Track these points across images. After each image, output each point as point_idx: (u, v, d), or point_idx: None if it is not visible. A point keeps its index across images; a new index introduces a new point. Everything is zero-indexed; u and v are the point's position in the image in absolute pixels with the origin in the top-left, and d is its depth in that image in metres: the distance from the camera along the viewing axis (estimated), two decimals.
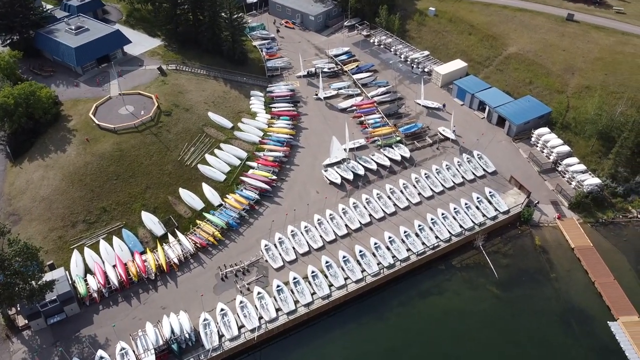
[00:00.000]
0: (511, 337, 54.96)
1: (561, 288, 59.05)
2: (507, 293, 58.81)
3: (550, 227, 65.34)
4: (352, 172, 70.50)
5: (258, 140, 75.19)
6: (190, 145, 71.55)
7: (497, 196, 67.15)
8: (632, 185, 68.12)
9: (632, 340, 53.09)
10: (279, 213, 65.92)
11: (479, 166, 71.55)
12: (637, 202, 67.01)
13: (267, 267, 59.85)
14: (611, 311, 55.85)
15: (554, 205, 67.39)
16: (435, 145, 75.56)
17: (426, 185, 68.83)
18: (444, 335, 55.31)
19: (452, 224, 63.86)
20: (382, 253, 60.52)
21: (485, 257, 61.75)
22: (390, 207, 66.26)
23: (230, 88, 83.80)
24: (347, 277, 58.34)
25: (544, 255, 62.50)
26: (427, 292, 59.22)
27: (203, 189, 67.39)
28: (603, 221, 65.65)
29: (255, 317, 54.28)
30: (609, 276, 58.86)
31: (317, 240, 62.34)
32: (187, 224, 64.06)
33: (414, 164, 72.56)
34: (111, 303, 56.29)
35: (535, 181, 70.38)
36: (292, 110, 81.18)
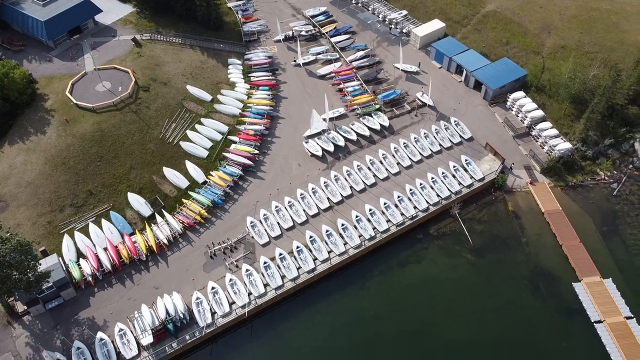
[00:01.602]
0: (485, 301, 59.08)
1: (531, 252, 62.94)
2: (481, 259, 62.57)
3: (523, 192, 68.44)
4: (332, 144, 71.91)
5: (238, 112, 75.57)
6: (171, 122, 71.81)
7: (473, 164, 69.53)
8: (601, 149, 70.88)
9: (594, 299, 57.67)
10: (263, 188, 67.76)
11: (455, 133, 73.39)
12: (605, 164, 70.03)
13: (254, 243, 62.43)
14: (576, 272, 60.12)
15: (527, 170, 70.19)
16: (413, 112, 76.81)
17: (405, 155, 70.79)
18: (422, 302, 59.26)
19: (430, 194, 66.51)
20: (363, 225, 63.30)
21: (461, 225, 64.98)
22: (370, 178, 68.40)
23: (208, 57, 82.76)
24: (331, 250, 61.35)
25: (516, 220, 65.95)
26: (406, 261, 62.69)
27: (187, 166, 68.55)
28: (572, 184, 68.86)
29: (245, 294, 57.48)
30: (575, 239, 62.73)
31: (301, 214, 64.74)
32: (174, 204, 65.76)
33: (394, 132, 74.15)
34: (105, 285, 58.85)
35: (510, 146, 72.72)
36: (271, 79, 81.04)
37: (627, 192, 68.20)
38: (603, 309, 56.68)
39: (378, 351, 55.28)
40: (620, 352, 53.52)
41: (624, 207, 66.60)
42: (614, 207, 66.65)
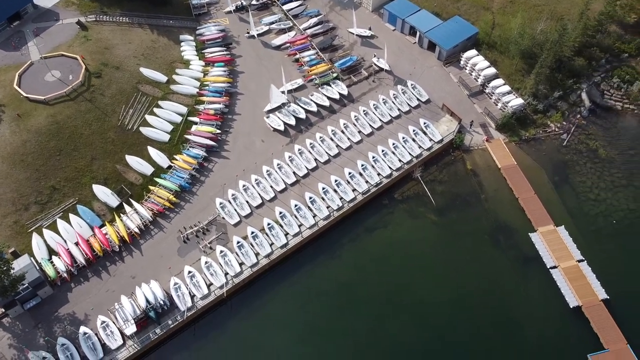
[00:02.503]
0: (450, 258, 62.51)
1: (490, 207, 66.41)
2: (444, 218, 65.72)
3: (480, 150, 71.30)
4: (293, 117, 72.50)
5: (196, 92, 74.74)
6: (128, 108, 70.62)
7: (431, 126, 71.62)
8: (551, 101, 73.92)
9: (548, 246, 61.95)
10: (229, 168, 68.39)
11: (413, 96, 74.93)
12: (555, 116, 73.28)
13: (225, 224, 63.68)
14: (532, 223, 64.09)
15: (483, 128, 72.83)
16: (370, 77, 77.64)
17: (365, 123, 72.16)
18: (392, 264, 62.22)
19: (392, 160, 68.56)
20: (330, 197, 65.18)
21: (424, 187, 67.63)
22: (333, 149, 69.77)
23: (158, 35, 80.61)
24: (301, 224, 63.24)
25: (475, 178, 69.03)
26: (374, 226, 65.25)
27: (149, 152, 68.17)
28: (526, 138, 72.02)
29: (222, 274, 59.19)
30: (530, 191, 66.43)
31: (269, 191, 65.99)
32: (141, 191, 65.80)
33: (353, 100, 75.09)
34: (82, 280, 59.45)
35: (466, 105, 74.95)
36: (226, 54, 79.91)
37: (576, 141, 71.92)
38: (557, 255, 61.11)
39: (354, 315, 58.38)
40: (573, 292, 58.30)
41: (573, 156, 70.43)
42: (564, 157, 70.41)
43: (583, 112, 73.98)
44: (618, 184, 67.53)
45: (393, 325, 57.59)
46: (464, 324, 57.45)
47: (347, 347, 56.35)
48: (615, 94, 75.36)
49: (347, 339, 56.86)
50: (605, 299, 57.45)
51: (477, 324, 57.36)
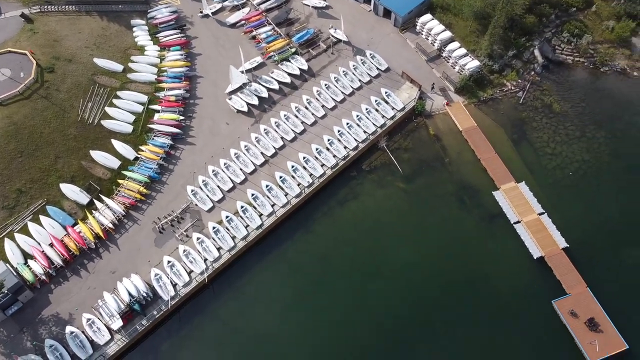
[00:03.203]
0: (420, 222, 65.09)
1: (454, 170, 68.91)
2: (412, 184, 67.91)
3: (441, 114, 73.19)
4: (256, 96, 72.47)
5: (154, 78, 73.53)
6: (86, 101, 69.21)
7: (393, 95, 72.87)
8: (505, 61, 75.92)
9: (511, 203, 65.19)
10: (196, 154, 68.46)
11: (372, 66, 75.70)
12: (510, 75, 75.46)
13: (199, 210, 64.34)
14: (494, 182, 67.05)
15: (443, 92, 74.55)
16: (329, 50, 77.76)
17: (328, 97, 72.80)
18: (365, 233, 64.34)
19: (357, 132, 69.84)
20: (300, 174, 66.34)
21: (390, 156, 69.41)
22: (299, 126, 70.47)
23: (108, 22, 78.24)
24: (274, 203, 64.48)
25: (438, 142, 71.15)
26: (345, 199, 66.97)
27: (114, 145, 67.45)
28: (484, 99, 74.20)
29: (201, 261, 60.32)
30: (491, 151, 69.08)
31: (239, 174, 66.61)
32: (110, 186, 65.44)
33: (314, 75, 75.33)
34: (61, 280, 59.63)
35: (424, 71, 76.26)
36: (181, 36, 78.36)
37: (532, 98, 74.54)
38: (519, 210, 64.45)
39: (334, 286, 60.67)
40: (536, 244, 61.94)
41: (529, 113, 73.17)
42: (521, 114, 73.08)
43: (536, 68, 76.39)
44: (572, 136, 70.90)
45: (372, 291, 60.18)
46: (438, 281, 60.52)
47: (330, 316, 58.77)
48: (566, 49, 77.94)
49: (329, 309, 59.25)
50: (565, 248, 61.35)
51: (449, 281, 60.49)
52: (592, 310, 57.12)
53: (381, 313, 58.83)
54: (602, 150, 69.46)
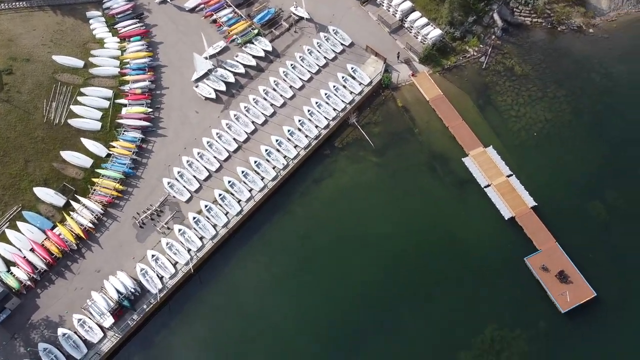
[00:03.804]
0: (394, 193, 66.93)
1: (424, 140, 70.63)
2: (384, 157, 69.43)
3: (408, 85, 74.35)
4: (223, 82, 72.21)
5: (117, 71, 72.40)
6: (50, 101, 68.01)
7: (359, 70, 73.50)
8: (466, 27, 76.98)
9: (480, 167, 67.50)
10: (169, 145, 68.41)
11: (336, 42, 75.88)
12: (472, 41, 76.70)
13: (177, 202, 64.85)
14: (463, 148, 69.11)
15: (407, 63, 75.50)
16: (292, 28, 77.49)
17: (295, 77, 73.03)
18: (343, 209, 65.81)
19: (327, 110, 70.59)
20: (274, 157, 67.14)
21: (361, 131, 70.62)
22: (268, 109, 70.79)
23: (63, 16, 76.11)
24: (251, 188, 65.39)
25: (406, 114, 72.53)
26: (320, 177, 68.17)
27: (84, 144, 66.82)
28: (448, 67, 75.48)
29: (185, 251, 61.25)
30: (458, 119, 70.88)
31: (214, 162, 67.01)
32: (85, 185, 65.13)
33: (279, 55, 75.19)
34: (47, 284, 59.91)
35: (388, 43, 76.87)
36: (140, 26, 76.78)
37: (494, 62, 76.14)
38: (489, 174, 66.84)
39: (317, 263, 62.43)
40: (506, 205, 64.63)
41: (492, 77, 74.89)
42: (485, 79, 74.76)
43: (497, 32, 77.76)
44: (534, 97, 73.11)
45: (354, 264, 62.08)
46: (416, 248, 62.77)
47: (316, 292, 60.65)
48: (524, 10, 79.36)
49: (315, 285, 61.13)
50: (534, 206, 64.24)
51: (427, 247, 62.81)
52: (562, 263, 60.52)
53: (365, 283, 60.93)
54: (564, 109, 72.05)
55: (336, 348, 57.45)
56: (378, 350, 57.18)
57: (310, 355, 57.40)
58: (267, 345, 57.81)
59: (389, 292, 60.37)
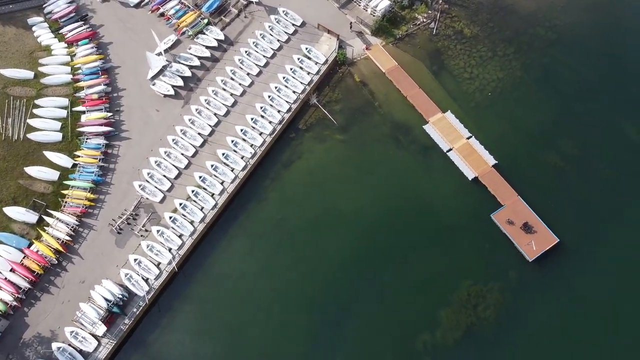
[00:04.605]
0: (363, 167, 68.94)
1: (385, 112, 72.47)
2: (348, 134, 71.14)
3: (363, 59, 75.49)
4: (179, 77, 71.80)
5: (70, 79, 71.02)
6: (5, 118, 66.68)
7: (313, 49, 74.08)
8: None
9: (441, 133, 70.00)
10: (134, 148, 68.30)
11: (288, 23, 75.93)
12: (421, 8, 77.88)
13: (151, 203, 65.40)
14: (423, 116, 71.33)
15: (360, 37, 76.37)
16: (241, 13, 76.95)
17: (251, 64, 73.15)
18: (315, 189, 67.68)
19: (287, 93, 71.33)
20: (241, 147, 67.97)
21: (323, 110, 71.88)
22: (229, 99, 71.04)
23: (3, 26, 73.67)
24: (223, 181, 66.36)
25: (365, 88, 73.95)
26: (289, 160, 69.56)
27: (48, 157, 66.09)
28: (400, 37, 76.77)
29: (166, 251, 62.37)
30: (415, 87, 72.76)
31: (182, 159, 67.41)
32: (55, 199, 64.78)
33: (232, 43, 74.89)
34: (33, 302, 60.27)
35: (339, 19, 77.37)
36: (86, 28, 74.89)
37: (443, 27, 77.79)
38: (450, 139, 69.50)
39: (295, 245, 64.49)
40: (469, 166, 67.64)
41: (444, 42, 76.71)
42: (437, 45, 76.54)
43: None
44: (485, 57, 75.47)
45: (331, 240, 64.35)
46: (388, 218, 65.52)
47: (298, 273, 62.85)
48: None
49: (297, 265, 63.34)
50: (495, 164, 67.48)
51: (398, 215, 65.65)
52: (525, 215, 64.31)
53: (344, 255, 63.38)
54: (514, 66, 74.76)
55: (325, 319, 60.36)
56: (364, 316, 60.35)
57: (303, 330, 60.08)
58: (261, 326, 60.21)
59: (368, 261, 63.28)
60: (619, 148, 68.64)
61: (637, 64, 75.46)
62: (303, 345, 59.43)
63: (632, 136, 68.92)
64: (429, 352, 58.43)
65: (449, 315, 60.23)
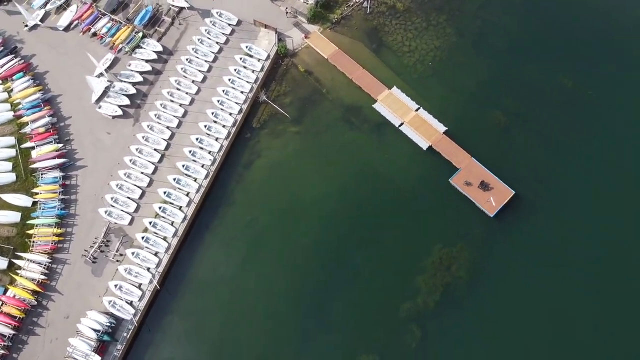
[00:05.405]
0: (321, 155, 70.77)
1: (333, 97, 74.00)
2: (302, 124, 72.47)
3: (304, 49, 76.43)
4: (124, 96, 71.06)
5: (12, 115, 69.33)
6: None
7: (254, 47, 74.42)
8: None
9: (390, 109, 72.23)
10: (92, 175, 67.79)
11: (224, 24, 75.77)
12: None
13: (121, 227, 65.45)
14: (371, 95, 73.28)
15: (298, 27, 77.06)
16: (175, 21, 76.20)
17: (194, 71, 72.97)
18: (279, 184, 69.11)
19: (236, 94, 71.77)
20: (200, 156, 68.40)
21: (273, 106, 72.82)
22: (178, 110, 70.99)
23: None
24: (188, 192, 66.88)
25: (311, 77, 75.12)
26: (249, 161, 70.52)
27: (5, 199, 64.97)
28: (336, 21, 77.85)
29: (145, 271, 62.94)
30: (359, 69, 74.42)
31: (143, 178, 67.39)
32: (22, 240, 64.05)
33: (171, 53, 74.34)
34: (21, 346, 60.03)
35: (273, 11, 77.71)
36: (18, 61, 72.68)
37: (376, 4, 79.24)
38: (399, 113, 71.84)
39: (270, 240, 66.10)
40: (422, 137, 70.31)
41: (379, 20, 78.33)
42: (373, 23, 78.13)
43: None
44: (421, 29, 77.66)
45: (303, 230, 66.32)
46: (353, 199, 67.95)
47: (278, 265, 64.66)
48: None
49: (274, 260, 65.01)
50: (445, 131, 70.41)
51: (362, 194, 68.17)
52: (481, 174, 67.72)
53: (318, 243, 65.59)
54: (448, 33, 77.31)
55: (311, 307, 62.73)
56: (346, 298, 62.95)
57: (291, 320, 62.24)
58: (250, 325, 62.08)
59: (340, 245, 65.74)
60: (557, 98, 72.65)
61: (565, 17, 79.05)
62: (294, 336, 61.70)
63: (568, 86, 72.94)
64: (414, 318, 61.85)
65: (426, 281, 63.60)
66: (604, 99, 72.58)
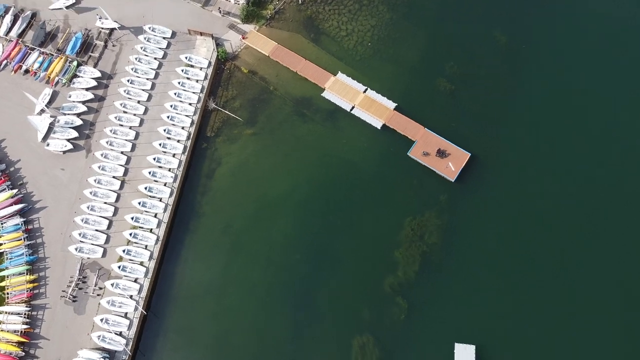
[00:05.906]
0: (281, 152, 71.61)
1: (282, 92, 74.54)
2: (256, 125, 72.92)
3: (244, 50, 76.33)
4: (71, 129, 69.48)
5: None
6: None
7: (194, 56, 73.81)
8: None
9: (339, 95, 73.36)
10: (54, 215, 66.49)
11: (158, 38, 74.67)
12: None
13: (95, 261, 64.73)
14: (318, 85, 74.14)
15: (233, 29, 76.74)
16: (109, 44, 74.56)
17: (138, 91, 71.92)
18: (245, 189, 69.78)
19: (184, 107, 71.26)
20: (160, 175, 67.98)
21: (224, 112, 72.77)
22: (130, 133, 70.03)
23: None
24: (155, 214, 66.57)
25: (255, 76, 75.28)
26: (211, 170, 70.63)
27: None
28: (270, 17, 77.83)
29: (128, 299, 62.74)
30: (301, 60, 74.98)
31: (107, 208, 66.57)
32: None
33: (110, 77, 72.93)
34: None
35: (206, 17, 76.99)
36: None
37: None
38: (349, 98, 73.11)
39: (247, 243, 66.95)
40: (374, 116, 71.93)
41: (312, 8, 78.79)
42: (307, 13, 78.57)
43: None
44: (354, 10, 78.61)
45: (278, 227, 67.75)
46: (320, 188, 69.70)
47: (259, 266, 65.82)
48: None
49: (254, 264, 66.10)
50: (396, 107, 72.18)
51: (327, 182, 70.05)
52: (437, 143, 70.05)
53: (294, 237, 67.29)
54: (381, 10, 78.59)
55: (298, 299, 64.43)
56: (330, 283, 65.06)
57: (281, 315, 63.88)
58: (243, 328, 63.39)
59: (315, 234, 67.40)
60: (492, 55, 75.41)
61: None
62: (286, 330, 63.23)
63: (501, 42, 75.74)
64: (397, 290, 64.24)
65: (403, 253, 65.93)
66: (537, 49, 75.75)
